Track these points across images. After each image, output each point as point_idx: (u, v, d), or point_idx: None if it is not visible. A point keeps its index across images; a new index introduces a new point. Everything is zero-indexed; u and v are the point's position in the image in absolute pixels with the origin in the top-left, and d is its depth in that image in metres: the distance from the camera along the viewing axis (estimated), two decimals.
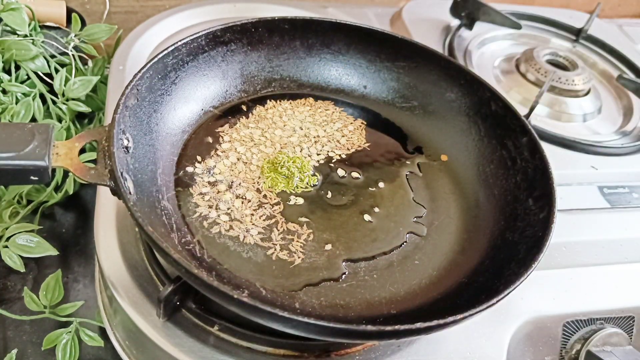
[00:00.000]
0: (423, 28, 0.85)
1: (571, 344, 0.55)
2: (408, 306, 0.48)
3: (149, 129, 0.53)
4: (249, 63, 0.64)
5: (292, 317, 0.38)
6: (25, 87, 0.66)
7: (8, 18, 0.66)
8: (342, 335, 0.41)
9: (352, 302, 0.48)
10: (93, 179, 0.45)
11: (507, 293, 0.43)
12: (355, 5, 0.90)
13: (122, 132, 0.48)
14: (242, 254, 0.49)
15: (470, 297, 0.46)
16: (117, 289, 0.48)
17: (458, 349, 0.49)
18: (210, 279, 0.40)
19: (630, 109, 0.81)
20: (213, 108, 0.61)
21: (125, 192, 0.43)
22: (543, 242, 0.47)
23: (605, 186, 0.66)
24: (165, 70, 0.55)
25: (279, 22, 0.63)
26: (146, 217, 0.44)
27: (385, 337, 0.43)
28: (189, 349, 0.46)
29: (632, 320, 0.56)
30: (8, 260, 0.57)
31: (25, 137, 0.44)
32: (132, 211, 0.42)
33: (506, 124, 0.58)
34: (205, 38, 0.59)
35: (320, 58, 0.66)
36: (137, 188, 0.47)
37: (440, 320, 0.40)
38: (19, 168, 0.44)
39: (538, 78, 0.78)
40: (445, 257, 0.52)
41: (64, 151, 0.46)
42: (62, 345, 0.55)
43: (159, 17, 0.77)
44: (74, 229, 0.69)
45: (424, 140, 0.63)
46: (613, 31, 0.97)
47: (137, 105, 0.51)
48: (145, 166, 0.51)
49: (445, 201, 0.57)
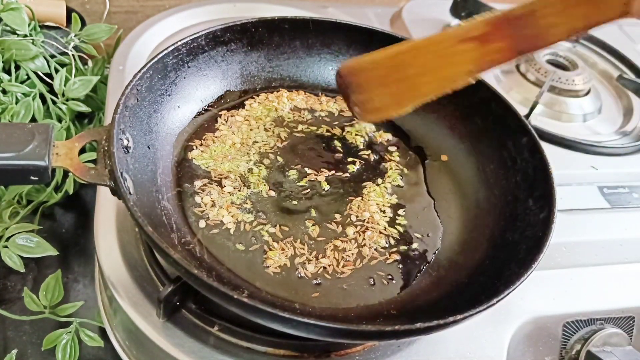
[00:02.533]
0: (423, 28, 0.85)
1: (571, 344, 0.55)
2: (408, 306, 0.48)
3: (149, 129, 0.53)
4: (249, 63, 0.64)
5: (292, 317, 0.38)
6: (25, 87, 0.66)
7: (8, 18, 0.66)
8: (342, 335, 0.41)
9: (352, 302, 0.48)
10: (93, 179, 0.45)
11: (507, 293, 0.43)
12: (355, 5, 0.90)
13: (122, 132, 0.48)
14: (242, 254, 0.49)
15: (470, 297, 0.46)
16: (117, 289, 0.48)
17: (458, 349, 0.49)
18: (210, 279, 0.40)
19: (630, 109, 0.81)
20: (213, 108, 0.61)
21: (125, 192, 0.43)
22: (543, 242, 0.47)
23: (605, 186, 0.66)
24: (165, 70, 0.55)
25: (279, 22, 0.63)
26: (146, 217, 0.44)
27: (385, 337, 0.43)
28: (189, 349, 0.46)
29: (632, 321, 0.56)
30: (8, 260, 0.57)
31: (25, 137, 0.44)
32: (132, 211, 0.42)
33: (506, 124, 0.58)
34: (205, 38, 0.59)
35: (320, 58, 0.66)
36: (137, 188, 0.47)
37: (440, 321, 0.40)
38: (19, 168, 0.44)
39: (538, 78, 0.78)
40: (445, 257, 0.52)
41: (64, 151, 0.46)
42: (62, 346, 0.55)
43: (159, 17, 0.77)
44: (74, 229, 0.69)
45: (424, 140, 0.63)
46: (613, 31, 0.97)
47: (137, 105, 0.51)
48: (145, 166, 0.51)
49: (445, 201, 0.57)
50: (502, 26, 0.45)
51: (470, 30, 0.46)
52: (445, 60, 0.49)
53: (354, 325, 0.40)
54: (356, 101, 0.54)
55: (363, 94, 0.54)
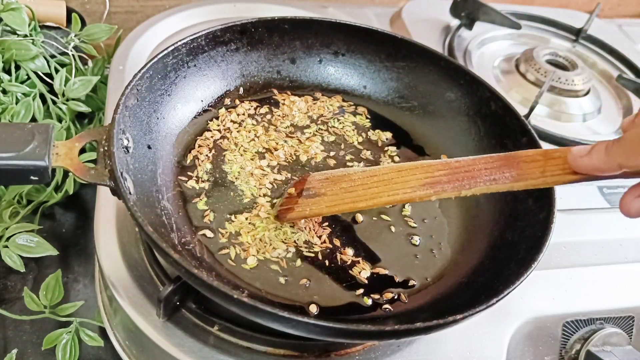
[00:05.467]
0: (423, 28, 0.85)
1: (571, 343, 0.55)
2: (408, 306, 0.48)
3: (149, 129, 0.53)
4: (249, 63, 0.64)
5: (292, 317, 0.38)
6: (25, 87, 0.66)
7: (8, 18, 0.66)
8: (342, 335, 0.41)
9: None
10: (93, 179, 0.45)
11: (507, 293, 0.43)
12: (355, 5, 0.90)
13: (122, 132, 0.48)
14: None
15: (470, 297, 0.46)
16: (117, 289, 0.48)
17: (458, 349, 0.50)
18: (210, 279, 0.40)
19: (630, 109, 0.81)
20: (213, 108, 0.61)
21: (125, 192, 0.43)
22: (543, 242, 0.47)
23: (605, 186, 0.66)
24: (165, 70, 0.56)
25: (279, 22, 0.63)
26: (146, 217, 0.44)
27: (385, 337, 0.43)
28: (189, 349, 0.46)
29: (632, 320, 0.56)
30: (8, 260, 0.57)
31: (25, 137, 0.44)
32: (132, 211, 0.42)
33: (506, 124, 0.58)
34: (205, 38, 0.59)
35: (320, 58, 0.66)
36: (137, 188, 0.48)
37: (440, 320, 0.40)
38: (19, 168, 0.44)
39: (538, 78, 0.78)
40: (445, 257, 0.52)
41: (64, 151, 0.46)
42: (62, 345, 0.55)
43: (159, 17, 0.77)
44: (74, 229, 0.69)
45: (425, 140, 0.63)
46: (613, 31, 0.97)
47: (137, 105, 0.51)
48: (145, 166, 0.51)
49: (445, 201, 0.57)
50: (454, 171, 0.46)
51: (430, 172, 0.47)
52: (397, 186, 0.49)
53: (354, 325, 0.40)
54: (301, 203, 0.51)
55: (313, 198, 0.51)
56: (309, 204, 0.50)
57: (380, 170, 0.50)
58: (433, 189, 0.46)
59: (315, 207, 0.50)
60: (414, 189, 0.47)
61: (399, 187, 0.48)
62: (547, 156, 0.44)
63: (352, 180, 0.50)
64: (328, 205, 0.50)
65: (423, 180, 0.47)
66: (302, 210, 0.50)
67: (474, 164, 0.46)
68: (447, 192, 0.46)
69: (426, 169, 0.47)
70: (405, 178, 0.48)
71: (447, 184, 0.46)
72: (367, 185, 0.49)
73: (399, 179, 0.48)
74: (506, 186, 0.45)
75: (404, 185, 0.47)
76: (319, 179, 0.52)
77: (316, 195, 0.50)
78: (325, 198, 0.50)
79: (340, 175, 0.51)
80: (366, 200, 0.49)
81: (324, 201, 0.50)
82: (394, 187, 0.48)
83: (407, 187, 0.47)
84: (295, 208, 0.51)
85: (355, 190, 0.49)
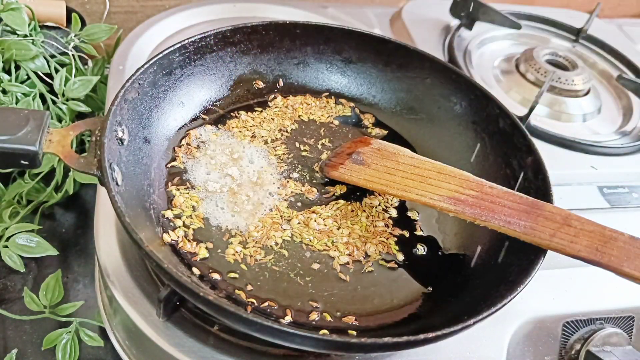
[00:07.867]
0: (423, 28, 0.85)
1: (571, 343, 0.55)
2: (403, 315, 0.48)
3: (149, 123, 0.53)
4: (257, 65, 0.63)
5: (294, 331, 0.39)
6: (25, 87, 0.66)
7: (8, 18, 0.66)
8: (336, 348, 0.41)
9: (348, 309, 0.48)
10: (81, 167, 0.45)
11: (511, 299, 0.44)
12: (355, 5, 0.90)
13: (118, 124, 0.48)
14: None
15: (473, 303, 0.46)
16: (117, 289, 0.48)
17: (458, 349, 0.50)
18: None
19: (630, 109, 0.81)
20: (216, 107, 0.61)
21: (109, 182, 0.43)
22: (542, 251, 0.47)
23: (605, 186, 0.66)
24: (171, 67, 0.56)
25: (291, 26, 0.63)
26: (132, 209, 0.44)
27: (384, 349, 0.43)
28: (189, 349, 0.46)
29: (632, 320, 0.56)
30: (8, 260, 0.57)
31: (19, 121, 0.45)
32: (112, 200, 0.42)
33: (512, 142, 0.57)
34: (214, 38, 0.59)
35: (331, 64, 0.66)
36: (127, 180, 0.48)
37: (445, 330, 0.41)
38: (10, 151, 0.44)
39: (538, 78, 0.78)
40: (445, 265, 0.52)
41: (57, 138, 0.46)
42: (62, 345, 0.55)
43: (159, 17, 0.77)
44: (74, 229, 0.69)
45: (429, 154, 0.62)
46: (613, 31, 0.97)
47: (138, 99, 0.51)
48: (140, 159, 0.51)
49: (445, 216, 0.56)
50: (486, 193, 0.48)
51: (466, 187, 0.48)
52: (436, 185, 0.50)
53: (355, 339, 0.40)
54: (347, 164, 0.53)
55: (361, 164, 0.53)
56: (352, 169, 0.53)
57: (424, 163, 0.51)
58: (455, 206, 0.47)
59: (356, 175, 0.52)
60: (441, 199, 0.48)
61: (430, 190, 0.49)
62: (566, 222, 0.45)
63: (397, 162, 0.52)
64: (366, 178, 0.52)
65: (453, 192, 0.48)
66: (344, 173, 0.53)
67: (502, 197, 0.47)
68: (465, 215, 0.47)
69: (462, 182, 0.48)
70: (440, 182, 0.49)
71: (469, 207, 0.47)
72: (405, 174, 0.50)
73: (434, 181, 0.49)
74: (515, 234, 0.46)
75: (435, 190, 0.49)
76: (372, 148, 0.53)
77: (362, 162, 0.52)
78: (367, 170, 0.52)
79: (391, 151, 0.53)
80: (397, 190, 0.50)
81: (365, 172, 0.52)
82: (426, 188, 0.49)
83: (435, 194, 0.48)
84: (340, 168, 0.53)
85: (394, 175, 0.51)
